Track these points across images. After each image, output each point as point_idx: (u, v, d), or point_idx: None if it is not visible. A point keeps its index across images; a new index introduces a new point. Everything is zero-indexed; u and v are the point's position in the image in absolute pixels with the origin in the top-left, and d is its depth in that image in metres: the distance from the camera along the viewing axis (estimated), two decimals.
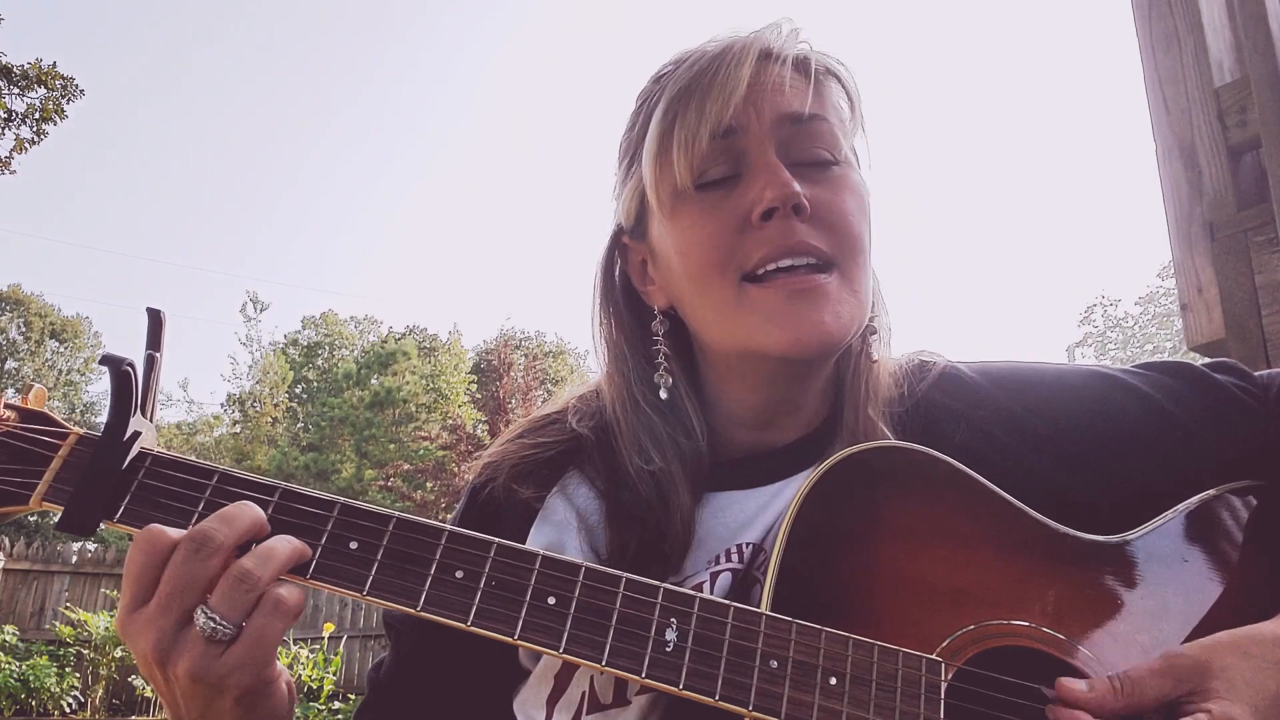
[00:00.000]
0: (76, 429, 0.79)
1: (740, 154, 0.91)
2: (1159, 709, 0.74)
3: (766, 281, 0.88)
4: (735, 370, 0.97)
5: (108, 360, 0.76)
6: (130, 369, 0.76)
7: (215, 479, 0.77)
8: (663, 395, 0.97)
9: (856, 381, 0.97)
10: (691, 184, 0.91)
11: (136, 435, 0.77)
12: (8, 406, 0.79)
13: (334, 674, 9.64)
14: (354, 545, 0.75)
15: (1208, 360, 1.03)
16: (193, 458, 0.78)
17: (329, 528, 0.75)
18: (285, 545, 0.74)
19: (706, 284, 0.91)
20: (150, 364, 0.79)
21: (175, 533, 0.73)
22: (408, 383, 29.55)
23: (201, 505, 0.76)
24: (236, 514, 0.74)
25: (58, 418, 0.80)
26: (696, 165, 0.90)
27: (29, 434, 0.78)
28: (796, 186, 0.88)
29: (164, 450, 0.78)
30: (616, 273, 1.05)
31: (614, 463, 0.97)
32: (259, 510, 0.75)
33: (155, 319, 0.79)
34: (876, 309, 1.01)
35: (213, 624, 0.70)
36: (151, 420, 0.80)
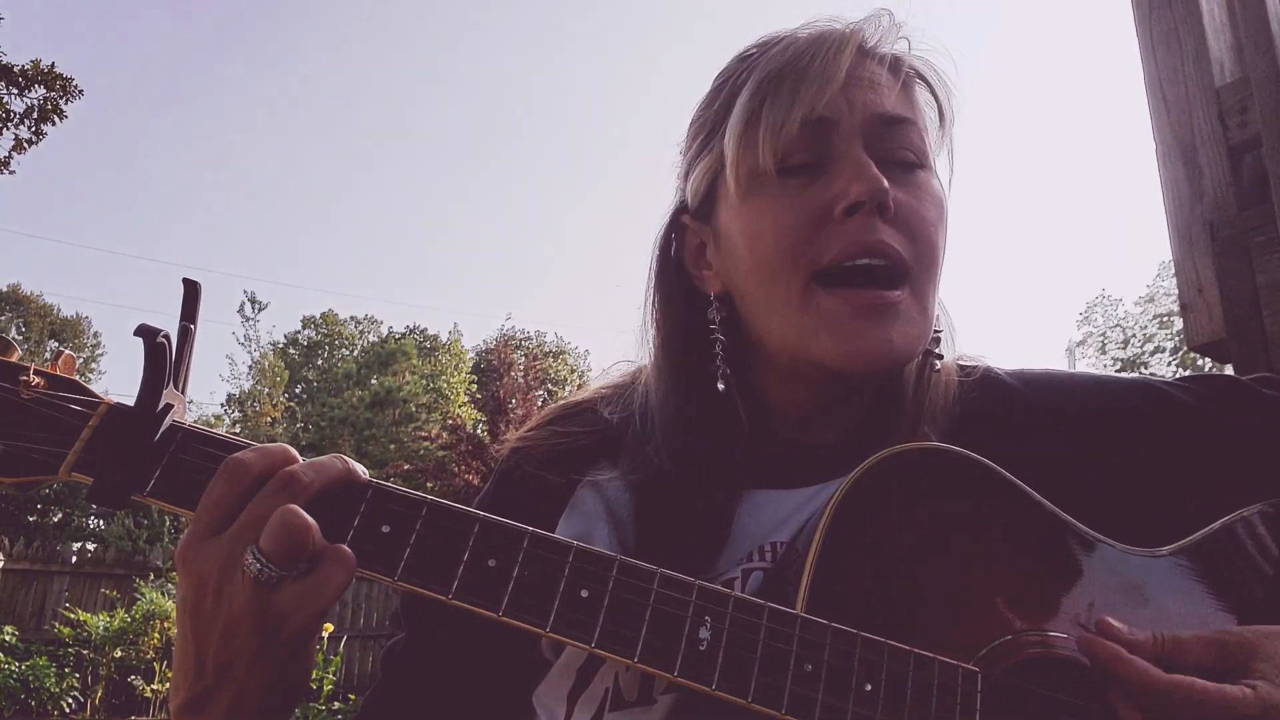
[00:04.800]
0: (108, 399, 0.77)
1: (827, 145, 0.88)
2: (1197, 675, 0.72)
3: (837, 290, 0.86)
4: (787, 370, 0.94)
5: (143, 331, 0.75)
6: (165, 340, 0.75)
7: None
8: (720, 387, 0.93)
9: (919, 395, 0.95)
10: (774, 167, 0.88)
11: (169, 407, 0.76)
12: (37, 373, 0.77)
13: (334, 674, 9.62)
14: (386, 529, 0.73)
15: (1252, 376, 1.01)
16: (225, 434, 0.77)
17: (361, 510, 0.74)
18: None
19: (774, 275, 0.88)
20: (184, 336, 0.77)
21: (263, 467, 0.72)
22: (408, 383, 29.54)
23: None
24: (327, 464, 0.74)
25: (90, 387, 0.78)
26: (782, 149, 0.87)
27: (59, 402, 0.76)
28: (886, 183, 0.85)
29: (196, 424, 0.77)
30: (673, 252, 1.01)
31: (647, 455, 0.95)
32: (349, 466, 0.75)
33: (191, 290, 0.78)
34: (942, 323, 0.99)
35: (259, 565, 0.69)
36: (184, 393, 0.78)
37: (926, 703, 0.72)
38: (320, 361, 36.09)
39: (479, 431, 18.26)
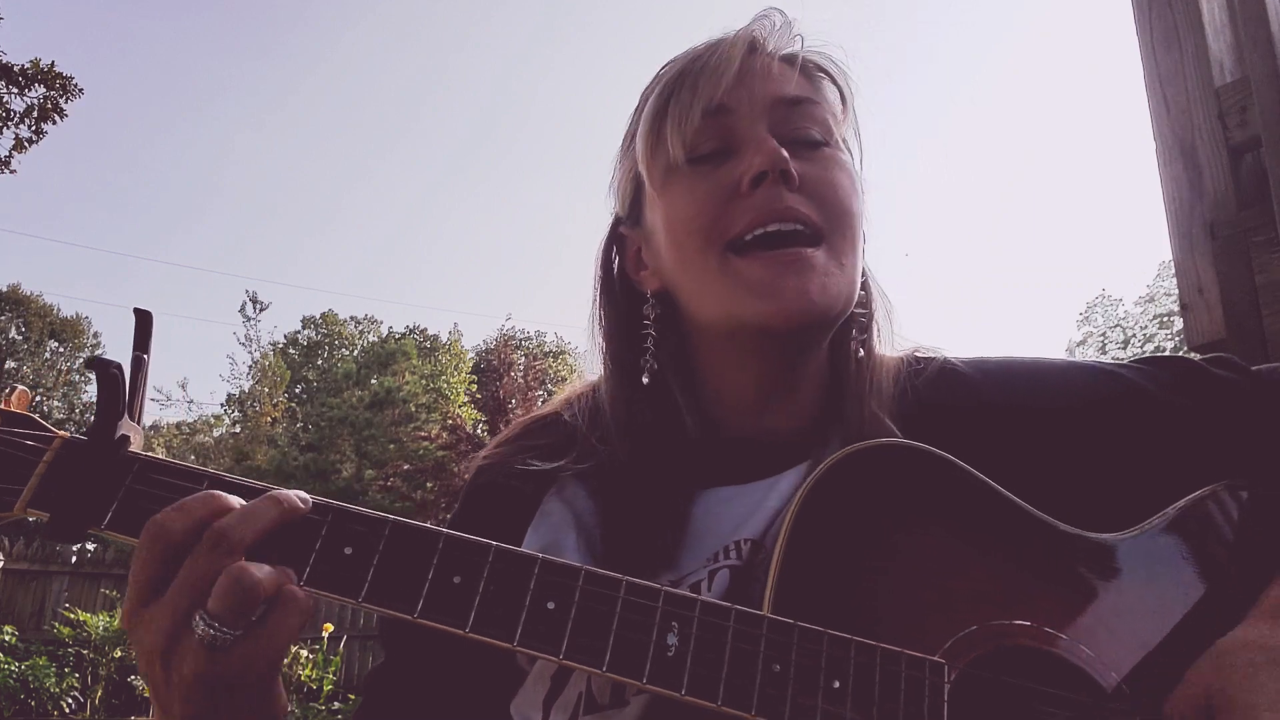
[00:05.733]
0: (62, 433, 0.76)
1: (732, 131, 0.92)
2: None
3: (750, 253, 0.89)
4: (725, 348, 0.96)
5: (94, 363, 0.74)
6: (118, 371, 0.74)
7: (205, 484, 0.75)
8: (644, 380, 0.96)
9: (861, 375, 0.96)
10: (684, 158, 0.92)
11: (125, 439, 0.75)
12: None
13: (334, 674, 9.63)
14: (349, 551, 0.73)
15: (1206, 355, 1.03)
16: (181, 461, 0.76)
17: (323, 533, 0.73)
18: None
19: (691, 253, 0.92)
20: (138, 366, 0.77)
21: (185, 526, 0.69)
22: (408, 383, 29.53)
23: None
24: (258, 511, 0.71)
25: (44, 421, 0.78)
26: (689, 140, 0.92)
27: (12, 438, 0.75)
28: (785, 154, 0.89)
29: (152, 454, 0.77)
30: (615, 265, 1.05)
31: (608, 460, 0.96)
32: (283, 507, 0.72)
33: (143, 320, 0.78)
34: (875, 303, 1.01)
35: (212, 631, 0.67)
36: (139, 423, 0.77)
37: (895, 696, 0.72)
38: (320, 361, 36.11)
39: (479, 431, 18.26)
